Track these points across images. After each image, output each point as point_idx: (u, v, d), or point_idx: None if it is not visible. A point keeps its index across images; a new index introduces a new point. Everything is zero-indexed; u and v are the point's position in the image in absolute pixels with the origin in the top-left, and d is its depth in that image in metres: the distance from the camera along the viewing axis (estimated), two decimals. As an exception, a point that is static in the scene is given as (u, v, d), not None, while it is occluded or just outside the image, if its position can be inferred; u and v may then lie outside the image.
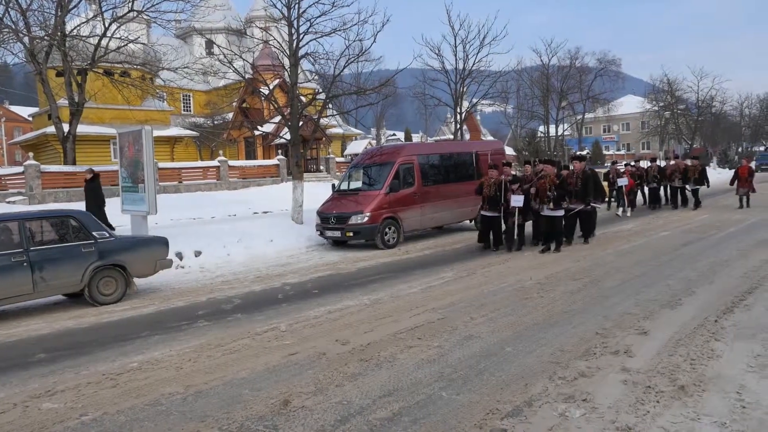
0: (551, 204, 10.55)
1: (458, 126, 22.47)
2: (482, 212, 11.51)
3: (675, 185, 18.08)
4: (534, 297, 7.13)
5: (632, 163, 19.87)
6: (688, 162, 18.32)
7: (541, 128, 34.18)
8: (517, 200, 10.69)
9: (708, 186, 17.76)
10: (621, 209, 17.27)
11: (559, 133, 32.19)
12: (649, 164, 18.93)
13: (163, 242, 8.70)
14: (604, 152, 49.53)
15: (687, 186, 17.73)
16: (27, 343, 6.08)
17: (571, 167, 12.07)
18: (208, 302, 7.73)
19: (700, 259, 9.26)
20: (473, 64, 21.80)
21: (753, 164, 45.96)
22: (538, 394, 4.11)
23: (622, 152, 61.54)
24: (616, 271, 8.61)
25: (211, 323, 6.56)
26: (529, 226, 11.68)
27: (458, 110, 22.34)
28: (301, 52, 14.99)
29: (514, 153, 34.96)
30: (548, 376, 4.44)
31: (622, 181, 17.22)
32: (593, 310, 6.38)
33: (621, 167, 18.65)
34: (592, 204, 11.74)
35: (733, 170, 19.79)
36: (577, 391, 4.13)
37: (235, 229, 13.22)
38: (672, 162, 19.01)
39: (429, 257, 10.90)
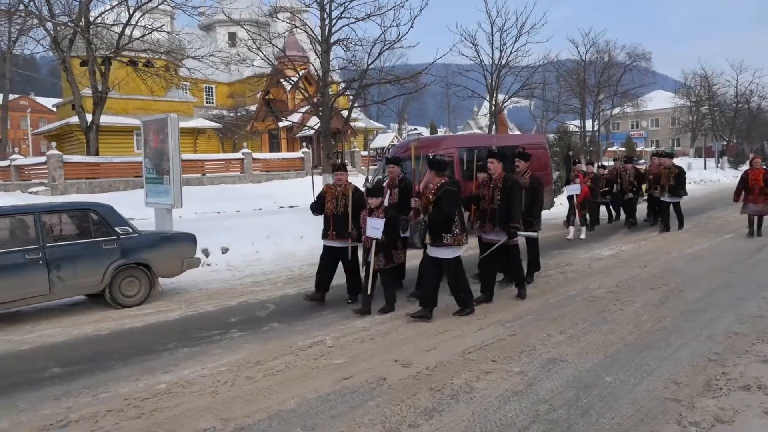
0: (428, 236, 6.03)
1: (493, 119, 21.46)
2: (325, 242, 7.12)
3: (657, 195, 12.49)
4: (612, 310, 6.22)
5: (601, 164, 14.88)
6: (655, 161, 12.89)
7: (577, 122, 32.89)
8: (374, 227, 6.14)
9: (685, 195, 12.41)
10: (571, 229, 11.90)
11: (594, 128, 30.91)
12: (623, 166, 13.70)
13: (190, 239, 7.97)
14: (636, 148, 47.92)
15: (662, 197, 12.27)
16: (40, 354, 5.36)
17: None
18: (239, 307, 6.96)
19: (786, 267, 8.24)
20: (510, 53, 20.76)
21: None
22: (672, 448, 3.23)
23: (652, 149, 59.73)
24: (695, 279, 7.63)
25: (246, 333, 5.78)
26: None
27: (493, 102, 21.35)
28: (334, 38, 14.20)
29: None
30: (675, 420, 3.55)
31: (573, 189, 11.75)
32: (690, 329, 5.45)
33: (582, 166, 13.17)
34: (526, 232, 7.28)
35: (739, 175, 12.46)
36: (721, 444, 3.25)
37: (262, 224, 12.49)
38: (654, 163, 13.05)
39: (475, 258, 9.96)
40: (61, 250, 6.56)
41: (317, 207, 7.16)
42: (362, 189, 7.11)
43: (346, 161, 31.43)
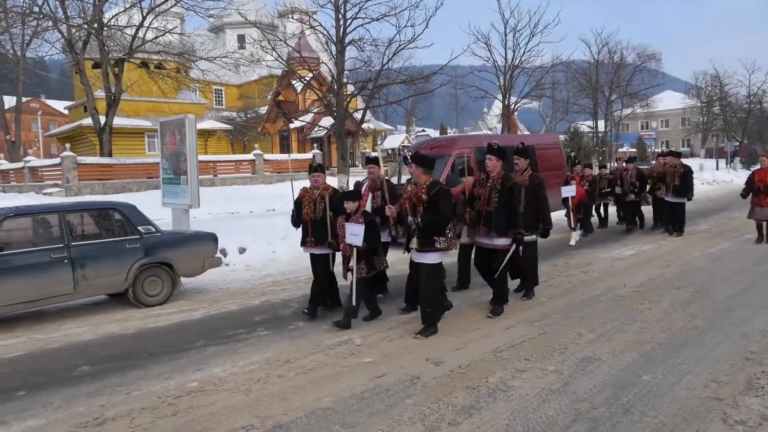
0: (416, 241, 5.43)
1: (507, 119, 21.41)
2: (305, 250, 6.63)
3: (660, 196, 11.97)
4: (640, 309, 6.15)
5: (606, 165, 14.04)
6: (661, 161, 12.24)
7: (589, 123, 32.71)
8: (353, 233, 5.63)
9: (690, 199, 11.55)
10: (574, 234, 11.24)
11: (607, 129, 30.73)
12: (625, 166, 12.96)
13: (211, 238, 7.98)
14: (647, 149, 47.63)
15: (666, 197, 11.60)
16: (68, 352, 5.37)
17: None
18: (262, 306, 6.95)
19: (812, 266, 8.13)
20: (523, 53, 20.69)
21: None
22: (721, 447, 3.17)
23: (662, 148, 59.32)
24: (721, 278, 7.54)
25: (272, 332, 5.76)
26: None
27: (506, 103, 21.29)
28: (348, 38, 14.20)
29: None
30: (720, 419, 3.49)
31: (568, 191, 10.95)
32: (723, 327, 5.38)
33: (579, 168, 12.60)
34: (524, 236, 6.23)
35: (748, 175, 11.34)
36: (771, 443, 3.19)
37: (277, 224, 12.49)
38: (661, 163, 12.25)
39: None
40: (85, 249, 6.57)
41: (297, 217, 6.51)
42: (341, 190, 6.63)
43: (356, 162, 31.46)
